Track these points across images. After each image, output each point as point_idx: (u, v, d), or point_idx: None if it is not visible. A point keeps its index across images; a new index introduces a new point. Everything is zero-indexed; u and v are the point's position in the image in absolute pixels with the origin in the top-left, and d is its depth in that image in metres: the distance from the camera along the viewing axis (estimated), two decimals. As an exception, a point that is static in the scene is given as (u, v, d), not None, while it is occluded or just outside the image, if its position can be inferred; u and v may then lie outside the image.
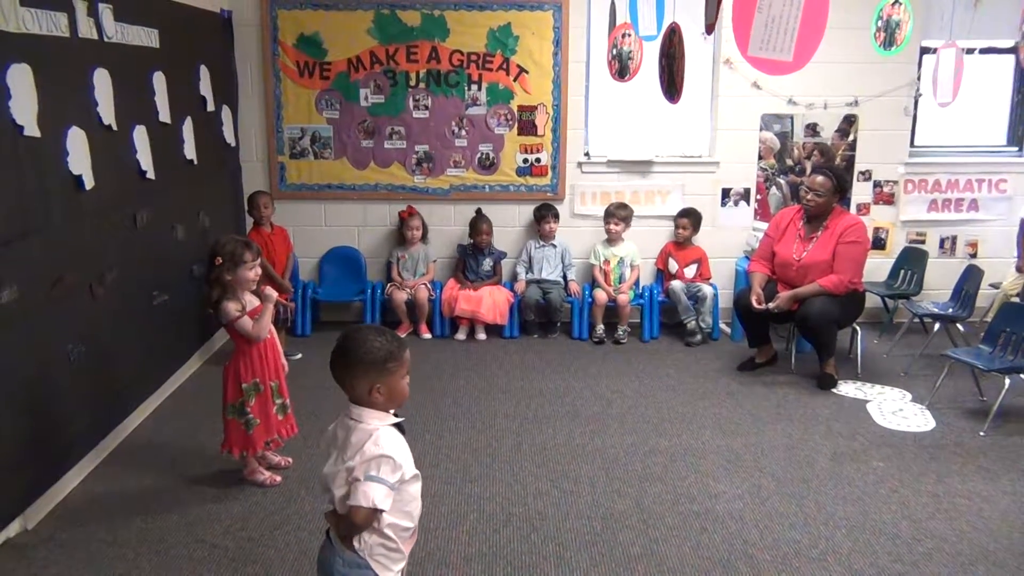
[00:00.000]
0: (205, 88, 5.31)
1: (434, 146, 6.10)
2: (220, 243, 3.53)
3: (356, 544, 2.07)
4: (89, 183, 3.75)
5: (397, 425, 2.11)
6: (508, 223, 6.21)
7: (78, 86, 3.75)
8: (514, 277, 6.11)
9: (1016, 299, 5.30)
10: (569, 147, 6.11)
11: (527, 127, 6.08)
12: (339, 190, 6.15)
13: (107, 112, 3.95)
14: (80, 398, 3.77)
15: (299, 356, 5.27)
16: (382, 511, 2.01)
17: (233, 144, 5.89)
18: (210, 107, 5.39)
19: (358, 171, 6.13)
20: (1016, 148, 6.46)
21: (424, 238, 6.11)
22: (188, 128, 4.99)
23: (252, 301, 3.64)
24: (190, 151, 5.02)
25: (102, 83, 3.91)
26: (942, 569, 3.17)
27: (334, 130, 6.08)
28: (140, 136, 4.32)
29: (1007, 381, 4.47)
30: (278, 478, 3.77)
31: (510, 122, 6.07)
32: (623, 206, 6.01)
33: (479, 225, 5.96)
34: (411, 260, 6.03)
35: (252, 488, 3.71)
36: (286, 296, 5.23)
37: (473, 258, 6.00)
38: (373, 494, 1.98)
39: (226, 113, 5.73)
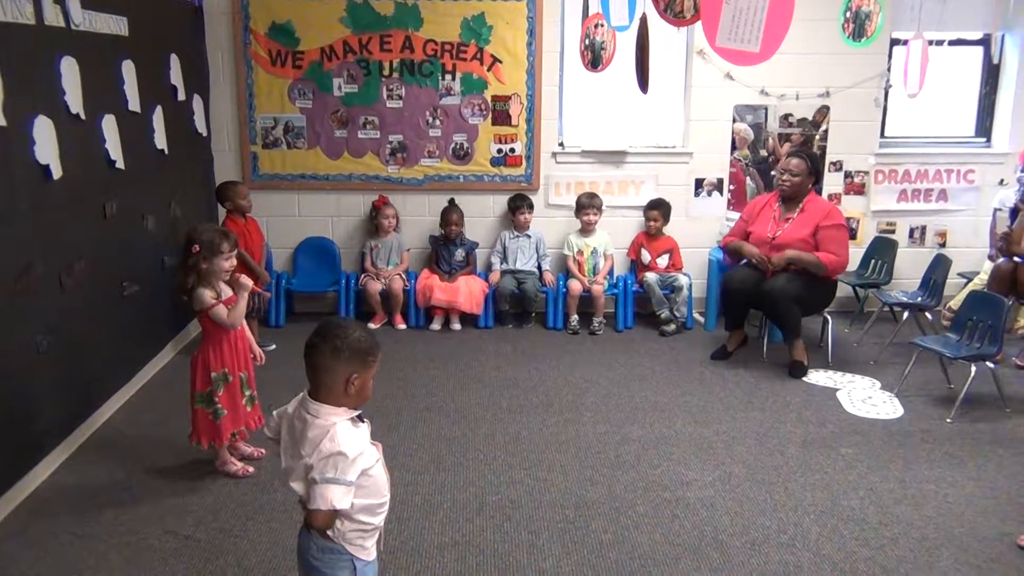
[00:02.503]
0: (176, 77, 5.26)
1: (408, 136, 6.08)
2: (198, 231, 3.53)
3: (329, 532, 2.07)
4: (57, 173, 3.71)
5: (357, 416, 2.11)
6: (482, 213, 6.20)
7: (44, 74, 3.71)
8: (489, 267, 6.12)
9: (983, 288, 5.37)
10: (543, 137, 6.11)
11: (501, 117, 6.07)
12: (312, 180, 6.12)
13: (75, 101, 3.90)
14: (49, 390, 3.74)
15: (273, 347, 5.25)
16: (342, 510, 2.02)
17: (204, 134, 5.84)
18: (181, 96, 5.34)
19: (331, 161, 6.10)
20: (984, 139, 6.54)
21: (398, 228, 6.10)
22: (158, 117, 4.94)
23: (225, 291, 3.62)
24: (160, 141, 4.97)
25: (69, 71, 3.86)
26: (908, 553, 3.23)
27: (307, 120, 6.04)
28: (109, 125, 4.27)
29: (973, 369, 4.54)
30: (251, 469, 3.76)
31: (484, 112, 6.06)
32: (594, 196, 6.02)
33: (450, 215, 5.96)
34: (385, 250, 6.02)
35: (224, 479, 3.70)
36: (262, 285, 5.20)
37: (445, 249, 5.99)
38: (331, 496, 1.98)
39: (197, 102, 5.67)
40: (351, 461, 1.99)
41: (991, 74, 6.46)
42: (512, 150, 6.12)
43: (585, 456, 4.00)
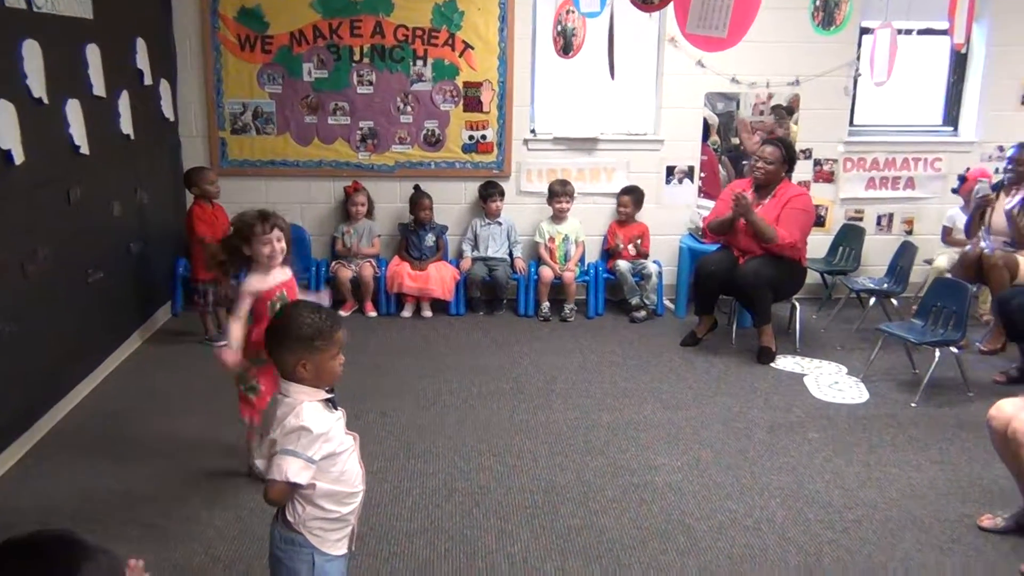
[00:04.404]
0: (142, 61, 5.18)
1: (379, 122, 6.05)
2: (239, 216, 3.37)
3: (290, 518, 2.07)
4: (19, 158, 3.65)
5: (329, 401, 2.11)
6: (454, 200, 6.19)
7: (5, 58, 3.64)
8: (460, 255, 6.11)
9: (948, 274, 5.45)
10: (515, 124, 6.09)
11: (473, 104, 6.05)
12: (282, 167, 6.07)
13: (37, 85, 3.84)
14: (11, 380, 3.68)
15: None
16: (299, 485, 2.01)
17: (172, 119, 5.76)
18: (147, 81, 5.27)
19: (301, 147, 6.05)
20: (951, 128, 6.62)
21: (370, 214, 6.07)
22: (124, 102, 4.87)
23: (276, 276, 3.39)
24: (126, 126, 4.90)
25: (32, 55, 3.79)
26: (871, 535, 3.28)
27: (276, 105, 5.98)
28: (73, 110, 4.21)
29: (937, 354, 4.61)
30: None
31: (455, 98, 6.03)
32: (566, 183, 6.03)
33: (419, 201, 5.93)
34: (356, 236, 5.98)
35: (189, 469, 3.66)
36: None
37: (415, 235, 5.97)
38: (287, 467, 1.98)
39: (164, 87, 5.60)
40: (314, 437, 1.99)
41: (958, 63, 6.53)
42: (484, 137, 6.10)
43: (555, 442, 4.02)
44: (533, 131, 6.21)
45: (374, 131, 6.06)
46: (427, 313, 5.89)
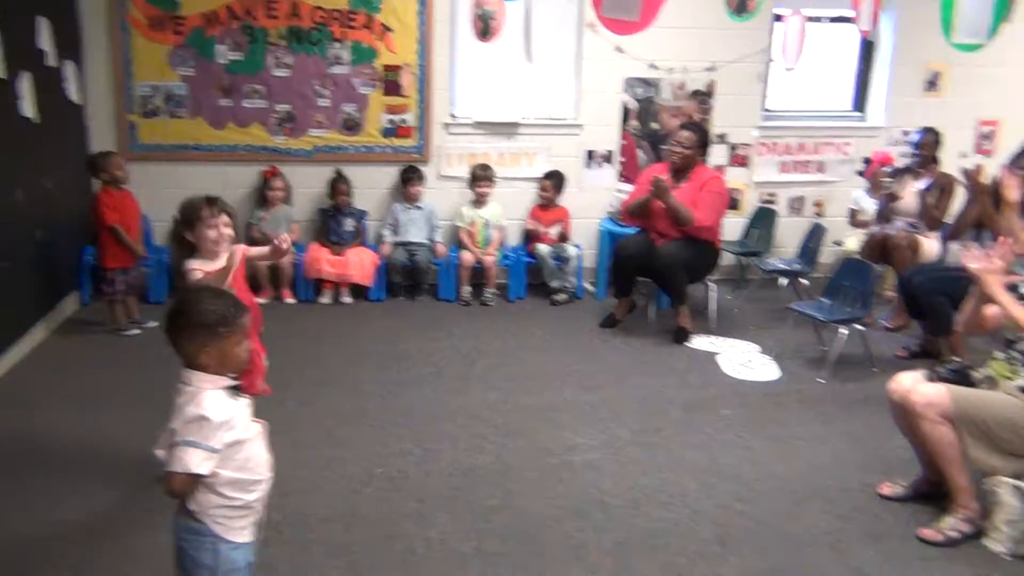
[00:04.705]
0: (45, 41, 4.99)
1: (296, 106, 5.95)
2: (184, 202, 3.21)
3: (193, 507, 2.03)
4: (-92, 141, 3.49)
5: (234, 388, 2.07)
6: (373, 185, 6.13)
7: None
8: (380, 240, 6.06)
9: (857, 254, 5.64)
10: (435, 108, 6.07)
11: (392, 87, 6.00)
12: (196, 151, 5.92)
13: (-73, 65, 3.67)
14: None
15: (154, 324, 5.08)
16: (201, 475, 1.98)
17: (78, 102, 5.57)
18: (51, 62, 5.08)
19: (216, 131, 5.91)
20: (860, 113, 6.84)
21: (288, 200, 5.97)
22: (26, 84, 4.68)
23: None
24: (29, 108, 4.72)
25: (-80, 33, 3.62)
26: (780, 506, 3.39)
27: (189, 88, 5.83)
28: (-32, 92, 4.03)
29: (844, 331, 4.77)
30: None
31: (375, 82, 5.97)
32: (487, 167, 6.04)
33: (338, 186, 5.87)
34: (273, 222, 5.87)
35: (94, 468, 3.54)
36: (135, 261, 5.03)
37: (334, 220, 5.91)
38: (188, 459, 1.94)
39: (70, 69, 5.40)
40: (215, 426, 1.96)
41: (867, 51, 6.74)
42: (403, 121, 6.06)
43: (474, 425, 4.04)
44: (453, 115, 6.19)
45: (291, 115, 5.96)
46: (347, 299, 5.84)
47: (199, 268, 3.12)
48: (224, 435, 1.98)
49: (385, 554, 3.00)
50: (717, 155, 6.46)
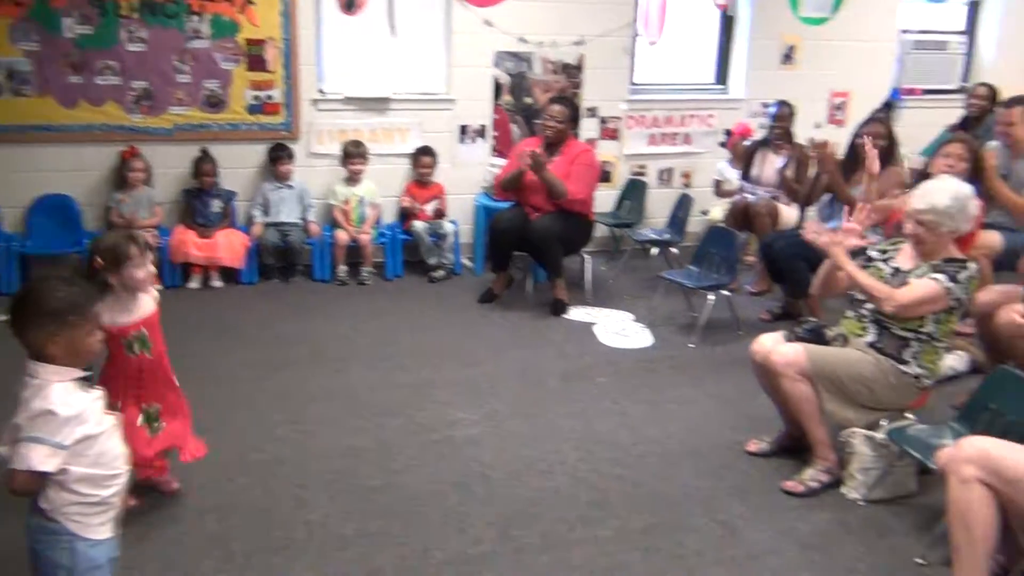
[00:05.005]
0: None
1: (154, 82, 5.66)
2: (98, 241, 2.90)
3: (45, 505, 1.93)
4: None
5: (85, 380, 1.97)
6: (240, 164, 5.91)
7: None
8: (250, 221, 5.87)
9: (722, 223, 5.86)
10: (302, 84, 5.89)
11: (256, 62, 5.79)
12: (46, 131, 5.55)
13: None
14: None
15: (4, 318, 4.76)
16: (47, 473, 1.88)
17: (-94, 79, 5.14)
18: None
19: (67, 110, 5.55)
20: (722, 86, 7.07)
21: (148, 181, 5.70)
22: None
23: (141, 306, 2.95)
24: None
25: None
26: (655, 468, 3.51)
27: (34, 64, 5.45)
28: None
29: (711, 297, 4.96)
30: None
31: (237, 57, 5.74)
32: (359, 144, 5.94)
33: (203, 166, 5.65)
34: (134, 204, 5.60)
35: None
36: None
37: (200, 201, 5.68)
38: (32, 456, 1.85)
39: None
40: (62, 421, 1.86)
41: (727, 25, 6.96)
42: (270, 97, 5.87)
43: (353, 405, 4.00)
44: (322, 91, 6.03)
45: (149, 92, 5.67)
46: (217, 283, 5.64)
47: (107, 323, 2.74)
48: (74, 430, 1.88)
49: (263, 542, 2.94)
50: (588, 129, 6.56)
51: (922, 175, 4.71)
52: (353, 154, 5.89)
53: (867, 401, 3.32)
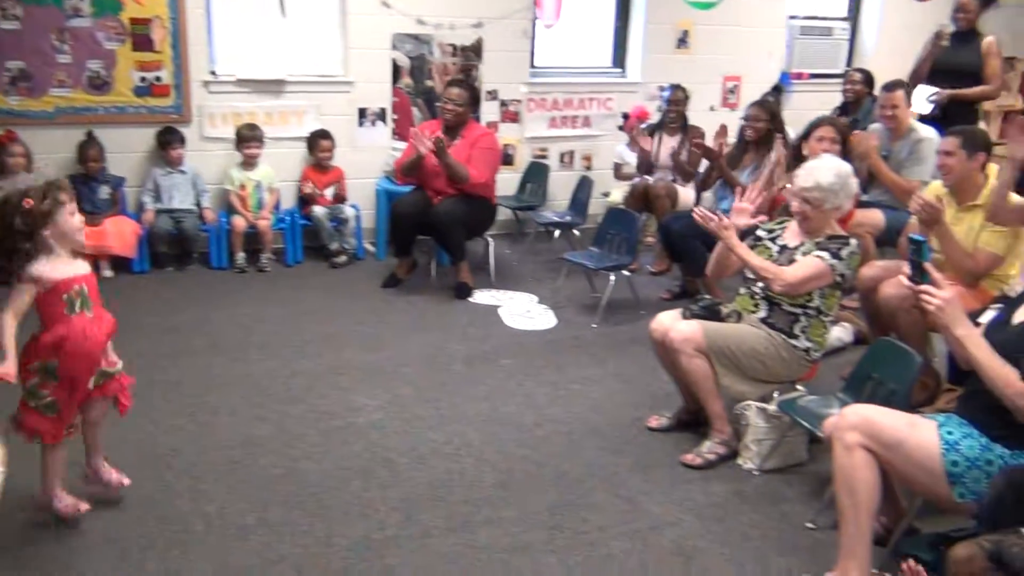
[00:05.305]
0: None
1: (31, 63, 5.37)
2: (13, 192, 2.61)
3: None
4: None
5: None
6: (129, 149, 5.68)
7: None
8: (140, 208, 5.65)
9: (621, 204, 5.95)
10: (192, 65, 5.69)
11: (142, 42, 5.55)
12: (-88, 115, 5.23)
13: None
14: None
15: None
16: None
17: None
18: None
19: (-66, 92, 5.24)
20: (620, 69, 7.17)
21: (29, 167, 5.40)
22: None
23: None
24: None
25: None
26: (558, 447, 3.56)
27: None
28: None
29: (612, 278, 5.04)
30: (85, 506, 2.90)
31: (122, 36, 5.50)
32: (254, 127, 5.78)
33: (88, 150, 5.40)
34: (13, 193, 5.32)
35: None
36: None
37: (87, 187, 5.41)
38: None
39: None
40: None
41: (623, 8, 7.06)
42: (158, 79, 5.64)
43: (253, 394, 3.91)
44: (214, 73, 5.84)
45: (26, 73, 5.38)
46: (107, 272, 5.40)
47: (47, 277, 2.63)
48: None
49: (159, 536, 2.85)
50: (489, 112, 6.56)
51: (795, 156, 4.95)
52: (248, 138, 5.73)
53: (760, 375, 3.44)
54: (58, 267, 2.67)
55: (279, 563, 2.74)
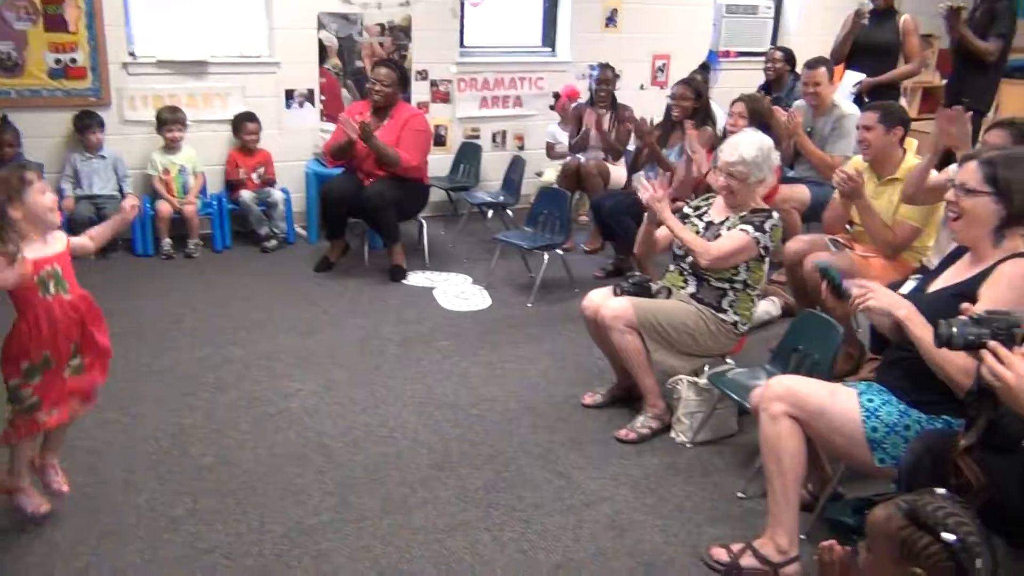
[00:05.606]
0: None
1: (-68, 44, 5.14)
2: None
3: None
4: None
5: None
6: (44, 133, 5.46)
7: None
8: (59, 194, 5.46)
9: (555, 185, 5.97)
10: (109, 46, 5.49)
11: (55, 23, 5.34)
12: None
13: None
14: None
15: None
16: None
17: None
18: None
19: None
20: (550, 49, 7.16)
21: (-61, 154, 5.19)
22: None
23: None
24: None
25: None
26: (494, 426, 3.57)
27: None
28: None
29: (546, 257, 5.05)
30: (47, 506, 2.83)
31: (32, 16, 5.28)
32: (176, 110, 5.62)
33: (1, 136, 5.17)
34: (-79, 181, 5.09)
35: None
36: None
37: (0, 175, 5.23)
38: None
39: None
40: None
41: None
42: (73, 61, 5.44)
43: (182, 383, 3.83)
44: (133, 54, 5.65)
45: (-72, 54, 5.15)
46: (25, 261, 5.22)
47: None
48: None
49: (88, 530, 2.78)
50: (420, 92, 6.50)
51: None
52: (169, 121, 5.57)
53: (691, 349, 3.50)
54: (36, 247, 2.59)
55: (210, 552, 2.70)
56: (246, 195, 5.74)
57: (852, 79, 5.93)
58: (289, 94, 6.12)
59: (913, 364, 2.44)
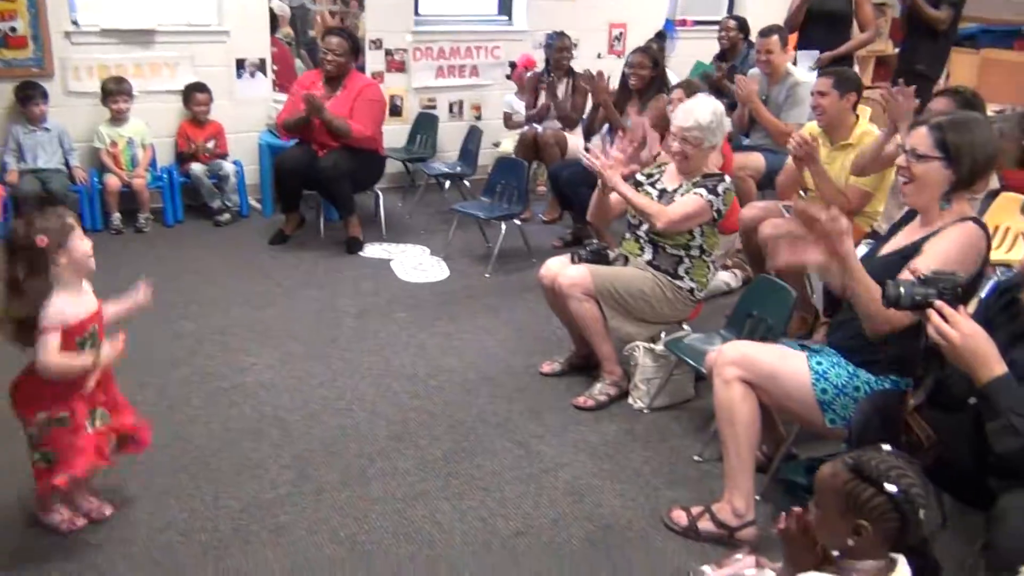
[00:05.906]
0: None
1: None
2: (29, 221, 2.37)
3: None
4: None
5: None
6: (-14, 106, 5.32)
7: None
8: (2, 168, 5.30)
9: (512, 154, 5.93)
10: (51, 14, 5.31)
11: (-7, -10, 5.17)
12: None
13: None
14: None
15: None
16: None
17: None
18: None
19: None
20: (506, 17, 7.09)
21: None
22: None
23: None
24: None
25: None
26: (452, 397, 3.56)
27: None
28: None
29: (503, 227, 5.03)
30: (81, 521, 2.69)
31: (-33, -16, 5.10)
32: (121, 80, 5.46)
33: (-63, 108, 5.04)
34: None
35: None
36: None
37: (-61, 148, 5.07)
38: None
39: None
40: None
41: (506, -46, 6.97)
42: (13, 29, 5.25)
43: (133, 361, 3.66)
44: (76, 22, 5.47)
45: None
46: (-32, 239, 5.08)
47: (65, 320, 2.42)
48: None
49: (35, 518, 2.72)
50: (374, 61, 6.40)
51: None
52: (114, 91, 5.41)
53: (648, 316, 3.51)
54: (73, 303, 2.48)
55: (165, 530, 2.67)
56: (197, 168, 5.62)
57: (806, 59, 5.94)
58: (240, 64, 5.98)
59: (861, 325, 2.47)
